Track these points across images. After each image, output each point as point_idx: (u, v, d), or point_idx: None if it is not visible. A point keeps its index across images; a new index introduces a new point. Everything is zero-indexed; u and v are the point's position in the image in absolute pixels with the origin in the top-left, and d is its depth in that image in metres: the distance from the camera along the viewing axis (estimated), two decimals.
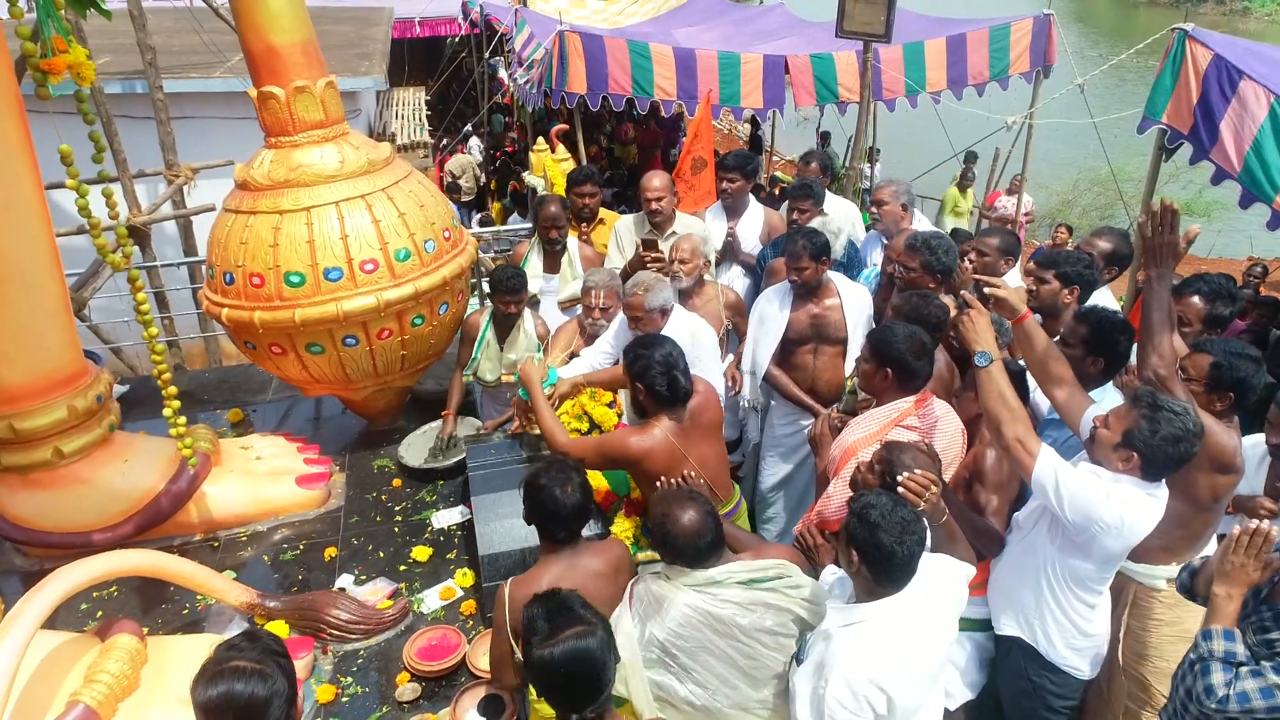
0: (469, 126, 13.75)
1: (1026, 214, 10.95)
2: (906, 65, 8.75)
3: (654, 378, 2.96)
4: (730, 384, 4.14)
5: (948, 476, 2.83)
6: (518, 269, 4.18)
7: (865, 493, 2.32)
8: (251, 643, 1.86)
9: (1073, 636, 2.75)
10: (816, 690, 2.22)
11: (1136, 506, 2.48)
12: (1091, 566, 2.62)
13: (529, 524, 2.63)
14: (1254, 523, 2.24)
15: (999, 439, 2.64)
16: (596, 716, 1.87)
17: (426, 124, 11.28)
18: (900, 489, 2.44)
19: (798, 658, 2.37)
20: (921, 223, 4.63)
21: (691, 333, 3.70)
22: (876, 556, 2.20)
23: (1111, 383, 3.15)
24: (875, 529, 2.19)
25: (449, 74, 15.80)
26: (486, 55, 12.48)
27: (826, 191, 4.95)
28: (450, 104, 15.65)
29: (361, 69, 9.48)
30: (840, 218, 4.81)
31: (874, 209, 4.44)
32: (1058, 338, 3.15)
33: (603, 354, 3.77)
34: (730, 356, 4.26)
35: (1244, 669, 2.21)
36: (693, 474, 3.02)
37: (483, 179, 12.47)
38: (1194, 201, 14.56)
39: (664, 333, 3.65)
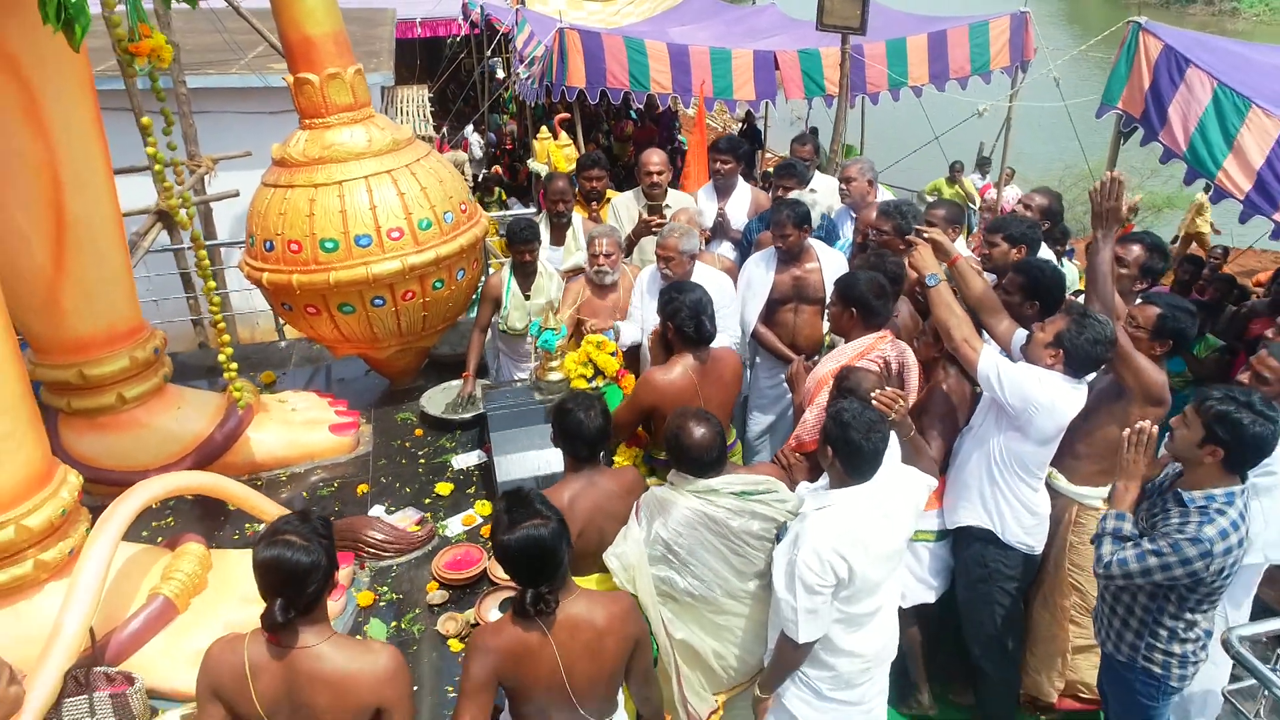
0: (469, 126, 14.22)
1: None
2: (890, 60, 9.22)
3: (683, 319, 3.37)
4: None
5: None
6: (529, 220, 4.62)
7: (840, 400, 2.76)
8: (304, 522, 2.21)
9: (1023, 516, 3.20)
10: (790, 559, 2.64)
11: (1063, 392, 2.98)
12: (1031, 447, 3.08)
13: (556, 445, 3.04)
14: (1140, 424, 2.69)
15: (949, 341, 3.12)
16: (550, 590, 2.24)
17: (431, 119, 11.72)
18: (874, 401, 2.88)
19: (778, 538, 2.79)
20: (885, 196, 5.08)
21: (718, 284, 4.14)
22: (847, 450, 2.63)
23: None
24: (847, 427, 2.62)
25: (447, 75, 16.26)
26: (488, 54, 12.91)
27: (816, 171, 5.40)
28: (448, 104, 16.10)
29: (370, 66, 9.90)
30: (825, 193, 5.29)
31: (843, 185, 4.89)
32: (1000, 288, 3.60)
33: (634, 318, 4.32)
34: None
35: (1129, 543, 2.65)
36: None
37: (469, 179, 12.88)
38: (1175, 196, 14.98)
39: (694, 279, 4.05)
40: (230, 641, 2.13)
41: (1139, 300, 3.49)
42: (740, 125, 14.89)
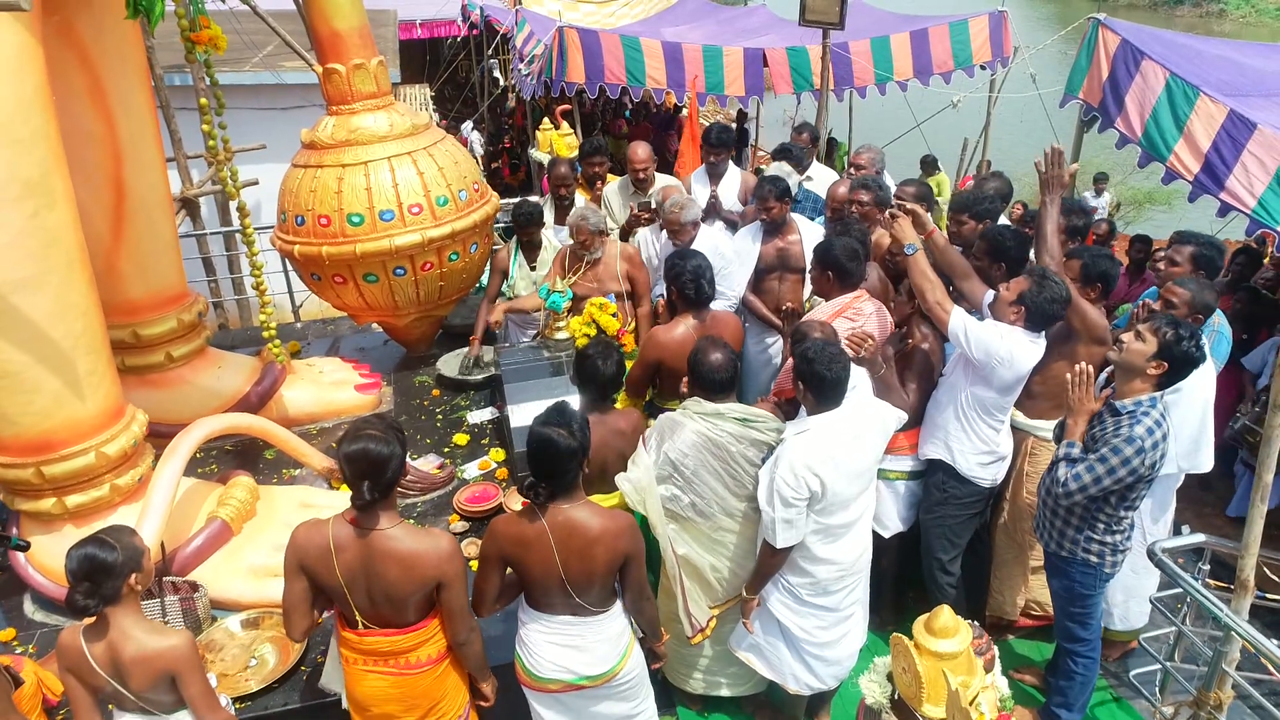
0: (469, 123, 14.64)
1: None
2: (875, 57, 9.66)
3: (685, 283, 3.79)
4: None
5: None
6: (535, 203, 5.03)
7: (805, 340, 3.17)
8: (382, 420, 2.60)
9: (982, 454, 3.60)
10: (771, 476, 3.04)
11: (1021, 346, 3.37)
12: (993, 394, 3.48)
13: (575, 385, 3.45)
14: (1079, 365, 3.13)
15: (924, 302, 3.53)
16: (548, 489, 2.61)
17: (435, 118, 12.17)
18: (845, 342, 3.29)
19: (764, 460, 3.20)
20: (891, 185, 5.52)
21: (714, 245, 4.53)
22: (813, 381, 3.03)
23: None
24: (812, 362, 3.02)
25: (444, 78, 16.70)
26: (488, 53, 13.33)
27: (814, 160, 5.88)
28: (445, 105, 16.55)
29: None
30: (819, 183, 5.74)
31: (852, 170, 5.32)
32: (971, 256, 4.02)
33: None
34: None
35: (1078, 463, 3.08)
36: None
37: None
38: (1156, 191, 15.42)
39: (696, 244, 4.43)
40: (315, 524, 2.50)
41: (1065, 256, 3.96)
42: (734, 124, 15.36)
